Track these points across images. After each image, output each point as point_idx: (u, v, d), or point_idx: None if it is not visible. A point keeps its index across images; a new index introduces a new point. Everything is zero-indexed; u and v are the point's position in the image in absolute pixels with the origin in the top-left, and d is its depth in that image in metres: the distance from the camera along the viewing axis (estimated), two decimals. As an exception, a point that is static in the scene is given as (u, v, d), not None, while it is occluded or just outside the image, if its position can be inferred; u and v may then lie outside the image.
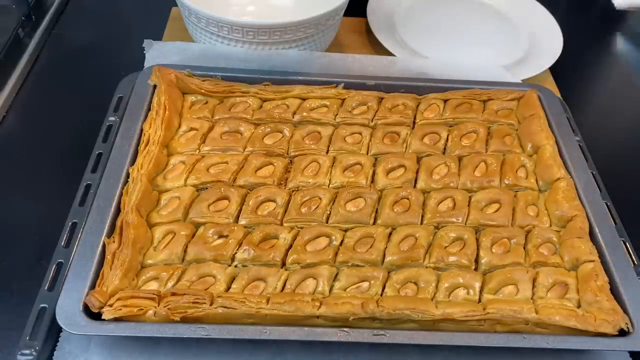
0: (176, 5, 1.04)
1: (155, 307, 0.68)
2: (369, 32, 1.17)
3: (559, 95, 1.06)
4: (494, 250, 0.78)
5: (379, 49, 1.13)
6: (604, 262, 0.77)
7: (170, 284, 0.72)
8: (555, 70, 1.15)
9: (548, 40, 1.19)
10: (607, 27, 1.37)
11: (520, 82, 1.06)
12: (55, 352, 0.69)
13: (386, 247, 0.78)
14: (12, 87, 1.02)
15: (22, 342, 0.69)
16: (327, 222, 0.81)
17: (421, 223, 0.82)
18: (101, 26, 1.19)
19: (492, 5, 1.29)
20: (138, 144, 0.85)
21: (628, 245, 0.83)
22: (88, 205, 0.79)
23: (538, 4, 1.28)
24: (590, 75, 1.22)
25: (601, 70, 1.25)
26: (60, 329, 0.69)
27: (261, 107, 0.95)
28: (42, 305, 0.71)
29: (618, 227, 0.85)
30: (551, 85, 1.12)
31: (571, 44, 1.19)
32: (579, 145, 0.94)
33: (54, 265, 0.75)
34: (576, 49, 1.20)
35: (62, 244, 0.77)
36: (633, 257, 0.82)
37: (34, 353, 0.68)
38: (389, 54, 1.11)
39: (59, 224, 0.79)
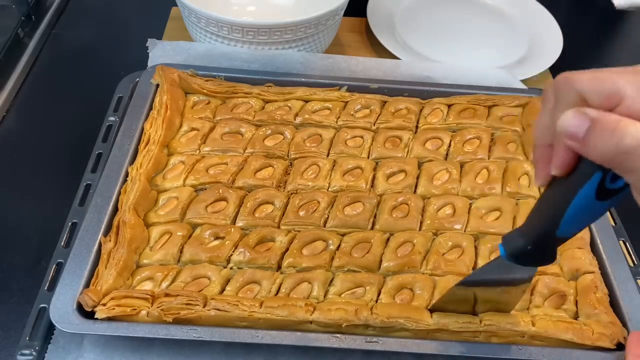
0: (176, 5, 1.04)
1: (149, 308, 0.68)
2: (369, 32, 1.16)
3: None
4: (492, 258, 0.76)
5: (379, 49, 1.13)
6: (603, 271, 0.76)
7: (164, 285, 0.72)
8: (555, 70, 1.15)
9: (548, 40, 1.19)
10: (607, 27, 1.36)
11: (527, 88, 1.03)
12: (49, 346, 0.69)
13: (383, 253, 0.77)
14: (12, 87, 1.01)
15: (22, 342, 0.69)
16: (324, 226, 0.80)
17: (420, 229, 0.81)
18: (101, 26, 1.19)
19: (492, 5, 1.29)
20: (139, 143, 0.85)
21: (628, 245, 0.83)
22: (88, 205, 0.79)
23: (538, 4, 1.27)
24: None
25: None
26: (60, 329, 0.69)
27: (263, 108, 0.95)
28: (42, 305, 0.72)
29: (618, 227, 0.84)
30: (551, 85, 1.12)
31: (571, 44, 1.19)
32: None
33: (54, 266, 0.75)
34: (576, 49, 1.20)
35: (62, 244, 0.77)
36: (633, 257, 0.82)
37: (34, 353, 0.68)
38: (389, 53, 1.11)
39: (59, 224, 0.79)
